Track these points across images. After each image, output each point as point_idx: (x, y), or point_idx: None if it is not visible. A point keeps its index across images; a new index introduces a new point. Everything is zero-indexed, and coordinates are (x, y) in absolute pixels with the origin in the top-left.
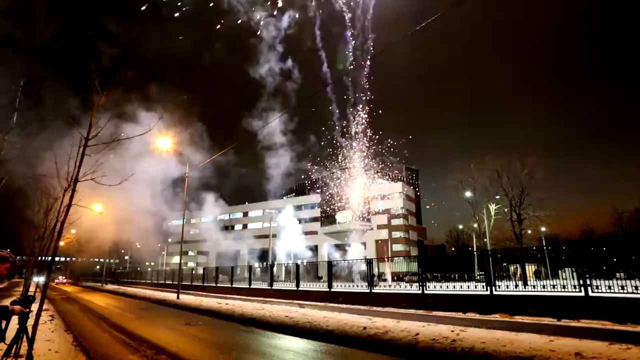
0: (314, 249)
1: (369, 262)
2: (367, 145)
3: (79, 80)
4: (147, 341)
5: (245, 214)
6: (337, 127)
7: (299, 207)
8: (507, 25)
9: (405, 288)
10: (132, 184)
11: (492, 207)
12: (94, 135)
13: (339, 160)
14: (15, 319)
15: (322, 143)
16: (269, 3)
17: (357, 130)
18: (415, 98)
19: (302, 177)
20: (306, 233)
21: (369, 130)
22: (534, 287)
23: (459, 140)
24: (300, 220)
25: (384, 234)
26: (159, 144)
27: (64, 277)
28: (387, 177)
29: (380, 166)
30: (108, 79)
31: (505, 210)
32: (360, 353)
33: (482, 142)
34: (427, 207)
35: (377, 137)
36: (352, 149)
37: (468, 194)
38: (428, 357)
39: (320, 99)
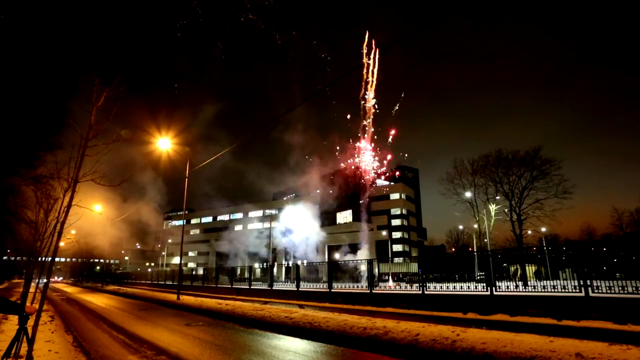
0: (314, 250)
1: (369, 263)
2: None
3: (80, 79)
4: (147, 342)
5: (246, 215)
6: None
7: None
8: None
9: (405, 288)
10: (133, 184)
11: (492, 208)
12: (94, 135)
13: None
14: (15, 319)
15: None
16: None
17: (364, 126)
18: (414, 94)
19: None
20: None
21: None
22: (534, 287)
23: (459, 139)
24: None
25: (384, 234)
26: (159, 145)
27: (60, 277)
28: (387, 177)
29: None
30: (109, 78)
31: (506, 210)
32: (360, 354)
33: (481, 141)
34: (427, 207)
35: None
36: (354, 149)
37: (468, 194)
38: (428, 357)
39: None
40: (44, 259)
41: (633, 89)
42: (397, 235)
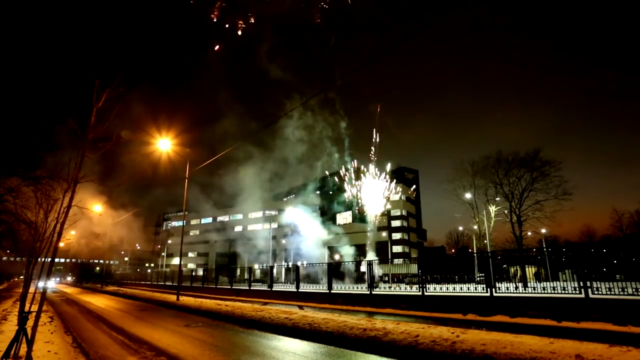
0: (314, 251)
1: (369, 264)
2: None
3: (80, 81)
4: (147, 343)
5: (246, 216)
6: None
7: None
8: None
9: (405, 290)
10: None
11: (492, 209)
12: (94, 136)
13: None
14: (15, 320)
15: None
16: None
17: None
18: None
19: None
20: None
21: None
22: (534, 288)
23: (458, 140)
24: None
25: (384, 235)
26: (159, 146)
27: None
28: (387, 178)
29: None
30: (109, 79)
31: (506, 212)
32: (360, 355)
33: (480, 142)
34: (427, 208)
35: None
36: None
37: (468, 195)
38: (428, 359)
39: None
40: (43, 259)
41: (633, 89)
42: (397, 236)
